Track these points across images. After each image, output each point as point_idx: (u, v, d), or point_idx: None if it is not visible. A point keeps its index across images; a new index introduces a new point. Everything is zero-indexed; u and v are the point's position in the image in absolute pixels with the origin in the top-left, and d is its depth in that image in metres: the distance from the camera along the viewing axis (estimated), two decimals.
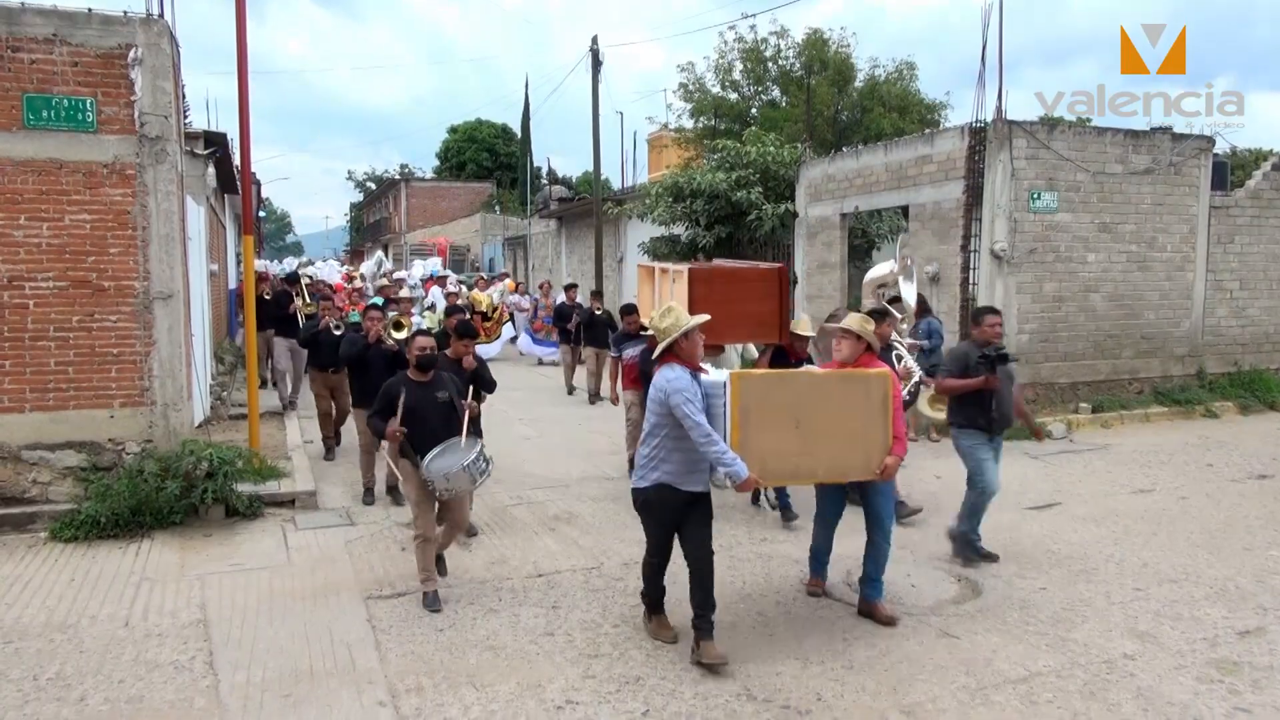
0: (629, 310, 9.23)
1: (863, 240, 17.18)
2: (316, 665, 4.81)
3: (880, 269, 10.62)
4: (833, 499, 5.73)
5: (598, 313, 14.31)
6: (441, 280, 20.43)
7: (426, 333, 6.48)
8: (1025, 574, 6.23)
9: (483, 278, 21.29)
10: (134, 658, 4.89)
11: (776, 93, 27.21)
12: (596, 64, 22.02)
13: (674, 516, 4.88)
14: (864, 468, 5.12)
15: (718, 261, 11.59)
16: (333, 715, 4.30)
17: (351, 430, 9.10)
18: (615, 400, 9.18)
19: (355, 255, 56.03)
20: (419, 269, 22.58)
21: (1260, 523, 7.48)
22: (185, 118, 11.41)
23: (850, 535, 6.91)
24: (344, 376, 9.38)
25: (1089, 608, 5.60)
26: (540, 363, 18.30)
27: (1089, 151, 12.04)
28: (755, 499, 7.86)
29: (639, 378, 8.27)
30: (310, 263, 26.29)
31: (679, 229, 17.68)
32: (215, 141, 12.97)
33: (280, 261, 28.67)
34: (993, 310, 6.73)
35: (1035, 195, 11.72)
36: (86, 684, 4.59)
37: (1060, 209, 11.89)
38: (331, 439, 9.87)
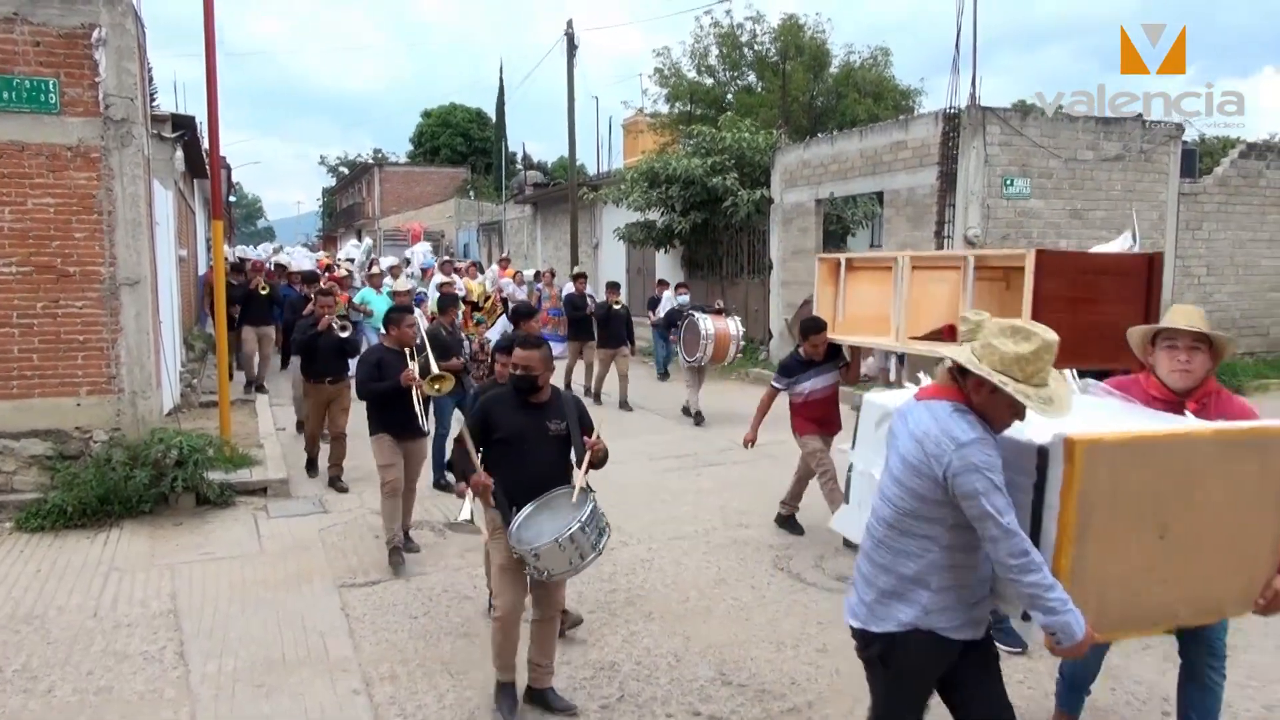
0: (814, 328, 6.55)
1: (838, 226, 17.26)
2: (289, 654, 4.77)
3: (1111, 246, 8.33)
4: None
5: (616, 307, 12.52)
6: (447, 266, 17.79)
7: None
8: None
9: (474, 264, 19.60)
10: (103, 648, 4.83)
11: (752, 78, 27.18)
12: (572, 48, 21.87)
13: (935, 676, 2.92)
14: (1243, 595, 3.04)
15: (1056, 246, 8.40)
16: (306, 704, 4.27)
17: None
18: (749, 440, 6.92)
19: (328, 241, 55.47)
20: (419, 254, 21.01)
21: None
22: (152, 100, 11.22)
23: (822, 521, 6.90)
24: (344, 389, 8.09)
25: None
26: None
27: (1061, 138, 12.15)
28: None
29: (806, 413, 6.60)
30: (280, 249, 25.85)
31: (655, 214, 17.65)
32: (183, 124, 12.76)
33: (255, 247, 28.25)
34: None
35: (1008, 181, 11.81)
36: (54, 675, 4.52)
37: (1033, 195, 12.00)
38: (316, 450, 8.43)
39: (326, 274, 16.56)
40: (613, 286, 13.21)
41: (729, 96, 26.82)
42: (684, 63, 27.19)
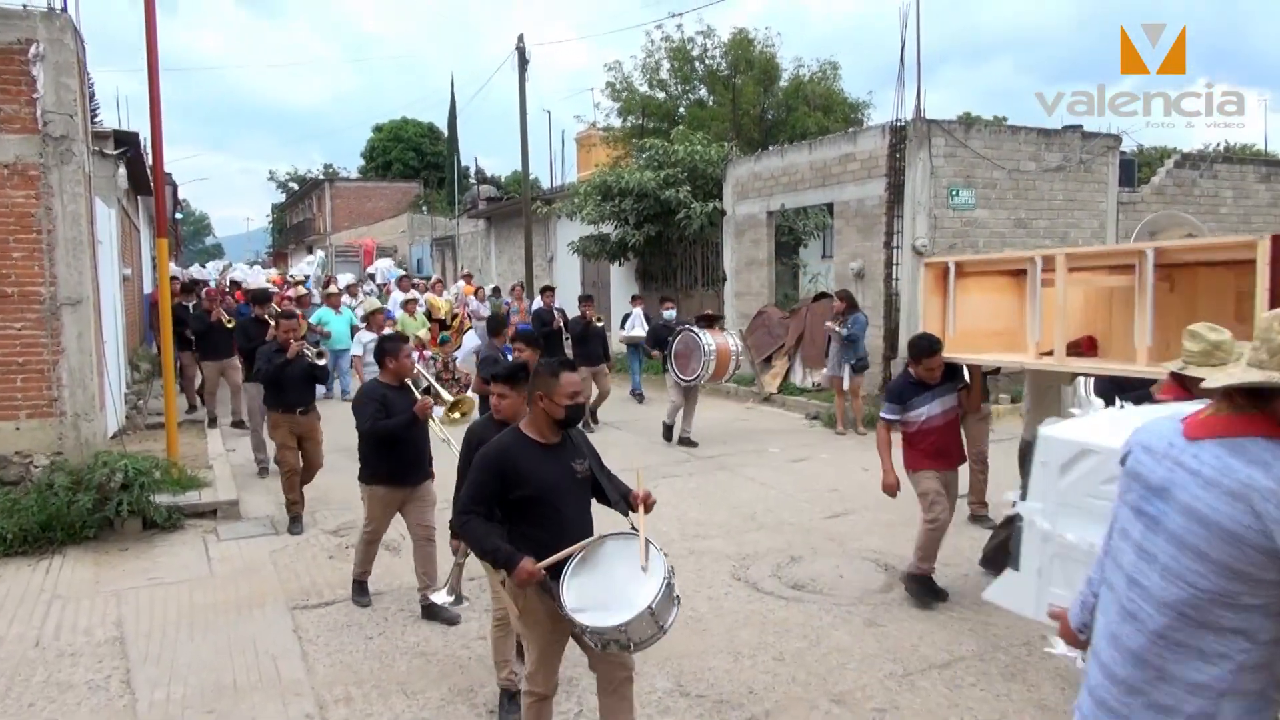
0: (927, 349, 5.56)
1: (790, 238, 17.47)
2: (240, 679, 4.68)
3: None
4: None
5: (596, 323, 11.75)
6: (405, 283, 17.32)
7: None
8: (949, 562, 6.38)
9: (439, 280, 19.20)
10: (45, 679, 4.69)
11: (704, 92, 27.40)
12: (523, 62, 21.87)
13: None
14: None
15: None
16: None
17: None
18: (892, 487, 5.73)
19: (279, 258, 54.69)
20: (382, 271, 20.65)
21: None
22: (93, 117, 11.00)
23: (778, 531, 7.01)
24: (316, 419, 7.53)
25: None
26: None
27: (1004, 149, 12.44)
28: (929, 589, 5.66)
29: (920, 443, 5.65)
30: (229, 265, 25.44)
31: (609, 228, 17.71)
32: (126, 141, 12.53)
33: (204, 266, 27.79)
34: None
35: (954, 192, 12.06)
36: None
37: (978, 205, 12.25)
38: (299, 504, 7.37)
39: (283, 291, 16.13)
40: (587, 300, 12.31)
41: (681, 110, 27.01)
42: (635, 77, 27.34)
